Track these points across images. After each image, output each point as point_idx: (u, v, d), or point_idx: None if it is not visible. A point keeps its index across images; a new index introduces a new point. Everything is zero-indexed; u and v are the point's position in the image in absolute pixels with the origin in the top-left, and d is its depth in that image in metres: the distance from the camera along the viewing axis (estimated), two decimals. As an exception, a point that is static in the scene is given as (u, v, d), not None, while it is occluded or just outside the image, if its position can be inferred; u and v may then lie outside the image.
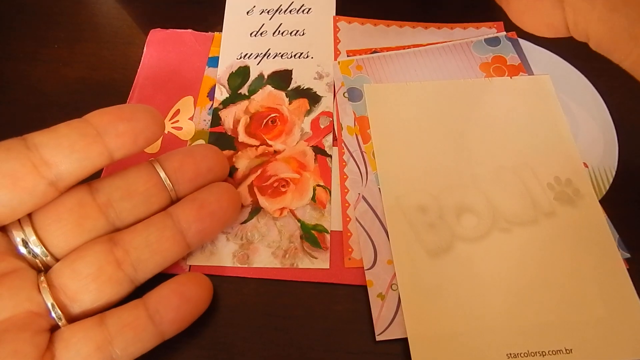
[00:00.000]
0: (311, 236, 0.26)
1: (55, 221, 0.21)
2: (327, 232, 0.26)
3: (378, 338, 0.23)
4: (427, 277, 0.24)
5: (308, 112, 0.30)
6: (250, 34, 0.33)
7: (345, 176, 0.27)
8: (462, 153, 0.28)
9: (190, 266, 0.25)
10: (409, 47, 0.32)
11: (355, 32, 0.33)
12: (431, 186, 0.27)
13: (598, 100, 0.30)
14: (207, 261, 0.25)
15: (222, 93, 0.30)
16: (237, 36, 0.33)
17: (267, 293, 0.25)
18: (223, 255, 0.25)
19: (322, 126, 0.29)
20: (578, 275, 0.24)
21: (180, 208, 0.23)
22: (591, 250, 0.25)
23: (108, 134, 0.21)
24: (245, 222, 0.26)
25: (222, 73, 0.31)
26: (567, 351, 0.22)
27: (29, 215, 0.21)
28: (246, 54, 0.32)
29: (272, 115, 0.30)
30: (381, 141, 0.28)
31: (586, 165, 0.28)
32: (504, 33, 0.32)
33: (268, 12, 0.33)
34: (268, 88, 0.31)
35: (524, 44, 0.32)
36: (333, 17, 0.33)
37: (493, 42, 0.32)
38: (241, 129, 0.29)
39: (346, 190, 0.27)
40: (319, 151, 0.28)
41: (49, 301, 0.20)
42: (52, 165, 0.20)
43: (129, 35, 0.33)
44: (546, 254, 0.25)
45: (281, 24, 0.33)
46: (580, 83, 0.31)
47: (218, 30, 0.33)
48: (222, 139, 0.29)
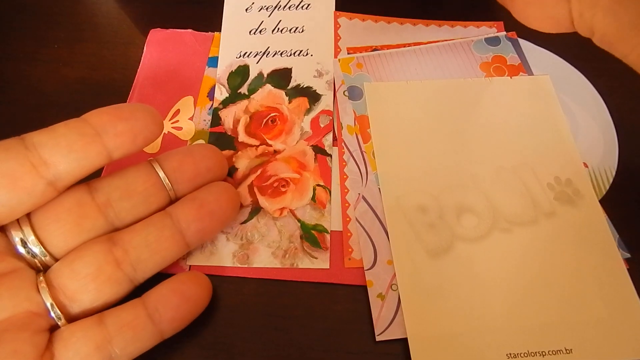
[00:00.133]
0: (311, 236, 0.26)
1: (54, 221, 0.21)
2: (327, 232, 0.26)
3: (378, 338, 0.23)
4: (427, 277, 0.24)
5: (308, 111, 0.30)
6: (249, 32, 0.32)
7: (345, 176, 0.27)
8: (462, 153, 0.28)
9: (190, 266, 0.25)
10: (410, 45, 0.32)
11: (356, 29, 0.33)
12: (431, 186, 0.27)
13: (598, 100, 0.30)
14: (207, 261, 0.25)
15: (222, 93, 0.30)
16: (236, 35, 0.32)
17: (267, 293, 0.25)
18: (223, 255, 0.25)
19: (322, 125, 0.29)
20: (578, 275, 0.24)
21: (179, 208, 0.23)
22: (591, 250, 0.25)
23: (107, 134, 0.21)
24: (245, 222, 0.26)
25: (222, 72, 0.31)
26: (567, 351, 0.22)
27: (28, 215, 0.21)
28: (245, 53, 0.32)
29: (272, 114, 0.29)
30: (381, 141, 0.28)
31: (586, 165, 0.28)
32: (504, 33, 0.32)
33: (267, 9, 0.33)
34: (268, 87, 0.30)
35: (524, 44, 0.32)
36: (334, 13, 0.33)
37: (493, 42, 0.32)
38: (241, 129, 0.29)
39: (346, 190, 0.27)
40: (319, 150, 0.28)
41: (48, 301, 0.20)
42: (51, 165, 0.20)
43: (129, 35, 0.33)
44: (546, 254, 0.25)
45: (280, 21, 0.33)
46: (580, 83, 0.31)
47: (218, 30, 0.33)
48: (222, 139, 0.29)
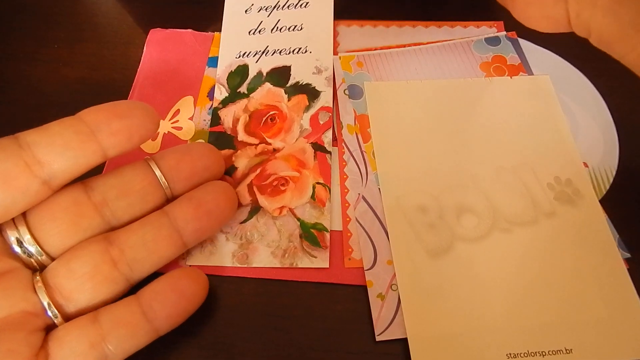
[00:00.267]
0: (310, 235, 0.26)
1: (50, 220, 0.21)
2: (327, 231, 0.26)
3: (378, 338, 0.23)
4: (427, 278, 0.24)
5: (307, 108, 0.29)
6: (248, 33, 0.32)
7: (345, 176, 0.27)
8: (462, 153, 0.28)
9: (189, 266, 0.25)
10: (410, 46, 0.32)
11: (354, 35, 0.33)
12: (431, 186, 0.27)
13: (598, 100, 0.30)
14: (207, 261, 0.25)
15: (222, 92, 0.30)
16: (236, 35, 0.32)
17: (267, 293, 0.25)
18: (222, 255, 0.25)
19: (322, 122, 0.29)
20: (578, 275, 0.24)
21: (176, 207, 0.23)
22: (591, 250, 0.25)
23: (102, 132, 0.21)
24: (244, 222, 0.26)
25: (222, 72, 0.31)
26: (567, 351, 0.22)
27: (24, 214, 0.21)
28: (245, 53, 0.32)
29: (271, 112, 0.29)
30: (381, 140, 0.28)
31: (586, 165, 0.28)
32: (504, 33, 0.32)
33: (266, 10, 0.33)
34: (267, 85, 0.30)
35: (524, 44, 0.32)
36: (332, 22, 0.33)
37: (493, 42, 0.32)
38: (240, 128, 0.29)
39: (346, 190, 0.27)
40: (319, 148, 0.28)
41: (45, 300, 0.20)
42: (45, 164, 0.20)
43: (129, 35, 0.33)
44: (546, 254, 0.25)
45: (279, 20, 0.33)
46: (580, 83, 0.31)
47: (218, 30, 0.33)
48: (222, 139, 0.29)
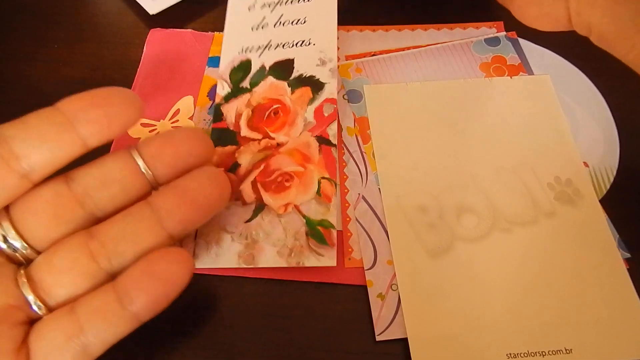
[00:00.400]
0: (317, 232, 0.25)
1: (32, 214, 0.21)
2: (334, 228, 0.25)
3: (378, 338, 0.23)
4: (427, 277, 0.24)
5: (311, 101, 0.29)
6: (251, 29, 0.32)
7: (345, 176, 0.27)
8: (462, 153, 0.28)
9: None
10: (409, 49, 0.32)
11: (354, 39, 0.32)
12: (431, 186, 0.27)
13: (599, 99, 0.30)
14: (214, 263, 0.25)
15: (224, 88, 0.30)
16: (239, 32, 0.32)
17: (267, 293, 0.25)
18: (228, 256, 0.25)
19: (326, 114, 0.28)
20: (578, 275, 0.24)
21: (160, 196, 0.22)
22: (591, 250, 0.25)
23: (79, 121, 0.20)
24: (249, 221, 0.26)
25: (224, 68, 0.31)
26: (567, 351, 0.22)
27: (7, 209, 0.21)
28: (247, 48, 0.31)
29: (275, 106, 0.29)
30: (381, 141, 0.28)
31: (586, 165, 0.28)
32: (504, 33, 0.32)
33: (269, 6, 0.33)
34: (270, 79, 0.30)
35: (524, 44, 0.32)
36: (336, 13, 0.32)
37: (493, 42, 0.32)
38: (243, 123, 0.28)
39: (346, 190, 0.27)
40: (323, 141, 0.28)
41: (28, 295, 0.20)
42: (22, 157, 0.20)
43: (129, 35, 0.33)
44: (546, 254, 0.25)
45: (282, 15, 0.32)
46: (581, 83, 0.31)
47: (218, 29, 0.33)
48: (225, 135, 0.28)
